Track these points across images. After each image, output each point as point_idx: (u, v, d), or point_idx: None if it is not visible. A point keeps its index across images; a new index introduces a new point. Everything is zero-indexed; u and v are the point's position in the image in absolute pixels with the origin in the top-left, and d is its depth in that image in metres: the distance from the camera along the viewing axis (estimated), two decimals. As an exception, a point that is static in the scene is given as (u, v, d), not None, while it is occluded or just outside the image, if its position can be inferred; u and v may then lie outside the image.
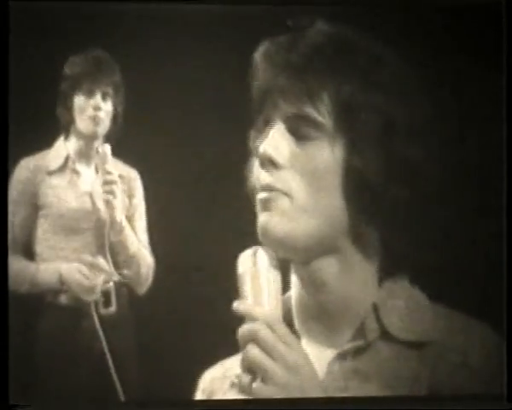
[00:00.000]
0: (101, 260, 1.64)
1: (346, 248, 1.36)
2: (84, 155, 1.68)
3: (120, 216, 1.64)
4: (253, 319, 1.26)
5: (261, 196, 1.35)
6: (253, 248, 1.33)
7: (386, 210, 1.35)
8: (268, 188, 1.34)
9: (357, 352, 1.36)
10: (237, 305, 1.29)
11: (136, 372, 1.62)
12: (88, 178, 1.67)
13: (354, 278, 1.37)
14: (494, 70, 1.61)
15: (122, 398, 1.59)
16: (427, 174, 1.39)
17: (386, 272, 1.38)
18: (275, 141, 1.36)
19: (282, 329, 1.27)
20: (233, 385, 1.39)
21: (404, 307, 1.39)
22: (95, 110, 1.65)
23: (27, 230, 1.64)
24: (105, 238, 1.64)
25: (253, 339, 1.25)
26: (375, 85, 1.37)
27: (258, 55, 1.39)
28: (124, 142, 1.65)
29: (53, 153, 1.65)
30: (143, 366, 1.62)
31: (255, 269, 1.30)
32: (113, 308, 1.64)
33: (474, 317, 1.41)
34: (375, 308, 1.36)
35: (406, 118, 1.37)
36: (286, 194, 1.34)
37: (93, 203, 1.66)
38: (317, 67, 1.36)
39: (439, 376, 1.37)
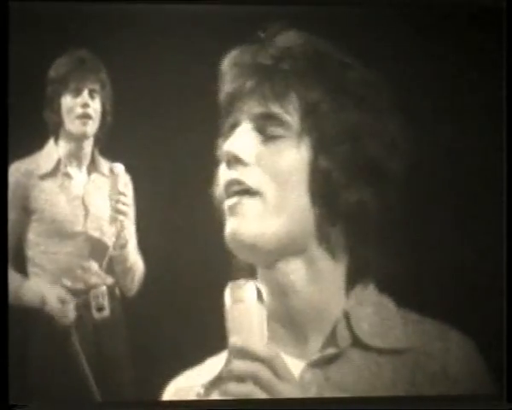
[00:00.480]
0: (93, 264, 1.63)
1: (313, 250, 1.35)
2: (75, 157, 1.66)
3: (125, 232, 1.62)
4: (252, 356, 1.24)
5: (230, 201, 1.36)
6: (241, 281, 1.30)
7: (351, 212, 1.35)
8: (235, 187, 1.34)
9: (330, 360, 1.35)
10: (235, 341, 1.26)
11: (126, 375, 1.61)
12: (79, 181, 1.66)
13: (323, 282, 1.36)
14: (494, 71, 1.60)
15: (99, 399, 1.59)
16: (395, 177, 1.39)
17: (354, 277, 1.37)
18: (240, 139, 1.36)
19: (281, 364, 1.24)
20: (198, 396, 1.38)
21: (374, 313, 1.38)
22: (83, 108, 1.63)
23: (18, 234, 1.63)
24: (107, 252, 1.63)
25: (253, 379, 1.22)
26: (344, 89, 1.37)
27: (226, 62, 1.40)
28: (114, 142, 1.63)
29: (44, 156, 1.63)
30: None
31: (245, 304, 1.27)
32: (106, 312, 1.63)
33: (444, 323, 1.40)
34: (346, 315, 1.35)
35: (374, 123, 1.37)
36: (255, 192, 1.34)
37: (85, 207, 1.64)
38: (285, 68, 1.37)
39: (418, 383, 1.36)
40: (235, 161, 1.35)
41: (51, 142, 1.64)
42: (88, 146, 1.65)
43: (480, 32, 1.60)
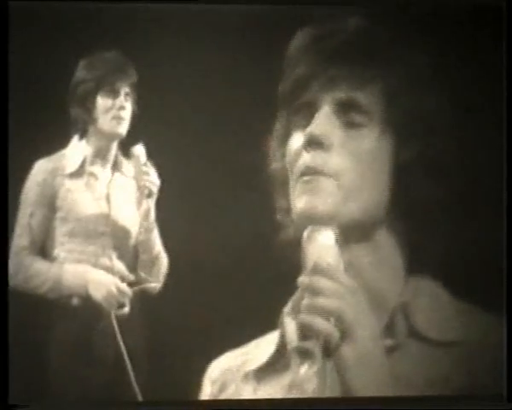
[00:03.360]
0: (118, 264, 1.65)
1: (379, 238, 1.37)
2: (101, 156, 1.67)
3: (152, 215, 1.64)
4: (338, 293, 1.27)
5: (305, 178, 1.36)
6: (318, 226, 1.32)
7: (419, 203, 1.38)
8: (313, 170, 1.35)
9: (387, 351, 1.35)
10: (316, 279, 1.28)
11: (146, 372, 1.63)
12: (104, 180, 1.68)
13: (384, 269, 1.38)
14: (494, 70, 1.63)
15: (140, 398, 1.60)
16: (459, 170, 1.44)
17: (412, 267, 1.40)
18: (323, 123, 1.36)
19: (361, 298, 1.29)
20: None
21: (429, 304, 1.40)
22: (119, 110, 1.65)
23: (45, 232, 1.64)
24: (130, 238, 1.65)
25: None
26: (417, 76, 1.40)
27: (293, 47, 1.41)
28: (139, 137, 1.65)
29: (70, 155, 1.64)
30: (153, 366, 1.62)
31: (323, 246, 1.30)
32: (126, 309, 1.65)
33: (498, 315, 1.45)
34: (404, 306, 1.37)
35: (437, 113, 1.41)
36: (331, 176, 1.35)
37: (109, 206, 1.66)
38: (363, 53, 1.38)
39: (472, 376, 1.40)
40: (316, 144, 1.35)
41: (76, 140, 1.65)
42: (114, 146, 1.67)
43: (480, 32, 1.62)
